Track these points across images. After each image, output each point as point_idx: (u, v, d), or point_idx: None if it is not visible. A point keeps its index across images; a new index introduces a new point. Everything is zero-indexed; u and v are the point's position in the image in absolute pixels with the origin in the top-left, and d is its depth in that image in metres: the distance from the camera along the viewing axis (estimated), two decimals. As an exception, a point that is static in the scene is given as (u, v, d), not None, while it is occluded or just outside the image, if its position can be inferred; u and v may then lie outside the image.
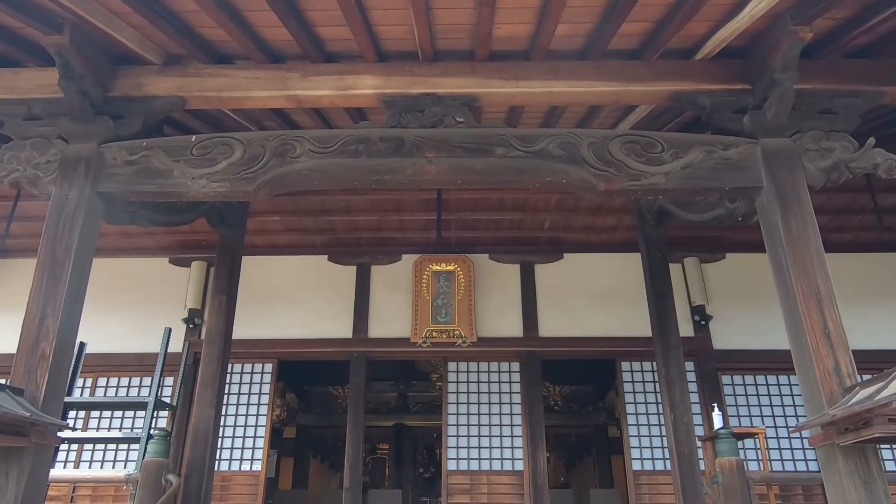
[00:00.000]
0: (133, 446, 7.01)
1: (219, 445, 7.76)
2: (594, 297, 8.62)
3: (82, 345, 5.88)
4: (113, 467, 7.42)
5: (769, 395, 8.17)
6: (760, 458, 7.39)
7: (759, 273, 8.71)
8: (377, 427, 14.14)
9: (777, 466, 7.58)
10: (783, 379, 8.21)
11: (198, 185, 4.18)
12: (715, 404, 6.66)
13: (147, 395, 5.28)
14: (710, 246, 8.72)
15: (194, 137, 4.32)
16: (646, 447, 7.89)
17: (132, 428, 7.13)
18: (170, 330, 5.52)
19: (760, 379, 8.22)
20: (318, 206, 7.93)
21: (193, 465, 5.85)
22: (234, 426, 8.05)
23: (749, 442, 7.37)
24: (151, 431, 5.02)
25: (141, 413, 7.10)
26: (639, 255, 8.44)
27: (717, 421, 5.87)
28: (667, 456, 7.75)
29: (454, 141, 4.32)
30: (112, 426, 7.69)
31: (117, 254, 8.85)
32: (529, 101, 4.80)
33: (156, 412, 5.38)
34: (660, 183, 4.17)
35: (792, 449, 7.79)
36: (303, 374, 11.73)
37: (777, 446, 7.76)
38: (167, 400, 6.01)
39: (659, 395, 8.06)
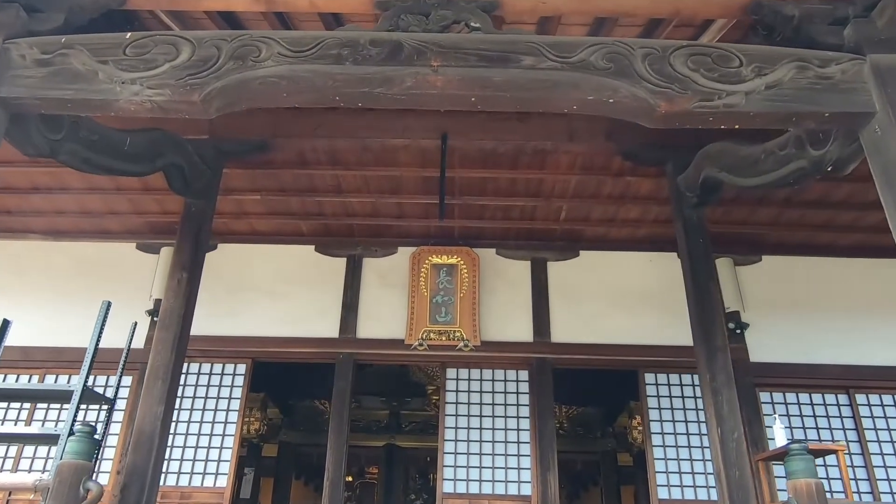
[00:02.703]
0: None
1: (179, 456, 6.78)
2: (615, 299, 7.62)
3: (6, 322, 4.82)
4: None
5: (814, 416, 7.10)
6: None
7: (801, 279, 7.80)
8: (366, 447, 13.06)
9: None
10: (830, 398, 7.17)
11: (128, 91, 3.14)
12: (776, 416, 5.57)
13: (74, 385, 4.20)
14: (746, 246, 7.74)
15: (129, 35, 3.29)
16: (673, 472, 6.82)
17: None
18: (108, 303, 4.47)
19: (804, 398, 7.17)
20: (306, 183, 6.94)
21: (134, 473, 4.79)
22: (199, 434, 6.97)
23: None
24: (74, 428, 3.95)
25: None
26: (664, 256, 7.61)
27: (781, 435, 4.76)
28: (699, 483, 6.73)
29: (467, 47, 3.29)
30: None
31: (76, 237, 7.89)
32: (565, 10, 3.76)
33: (85, 406, 4.30)
34: (738, 104, 3.14)
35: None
36: (287, 386, 10.73)
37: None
38: (110, 395, 4.90)
39: (688, 411, 7.11)
